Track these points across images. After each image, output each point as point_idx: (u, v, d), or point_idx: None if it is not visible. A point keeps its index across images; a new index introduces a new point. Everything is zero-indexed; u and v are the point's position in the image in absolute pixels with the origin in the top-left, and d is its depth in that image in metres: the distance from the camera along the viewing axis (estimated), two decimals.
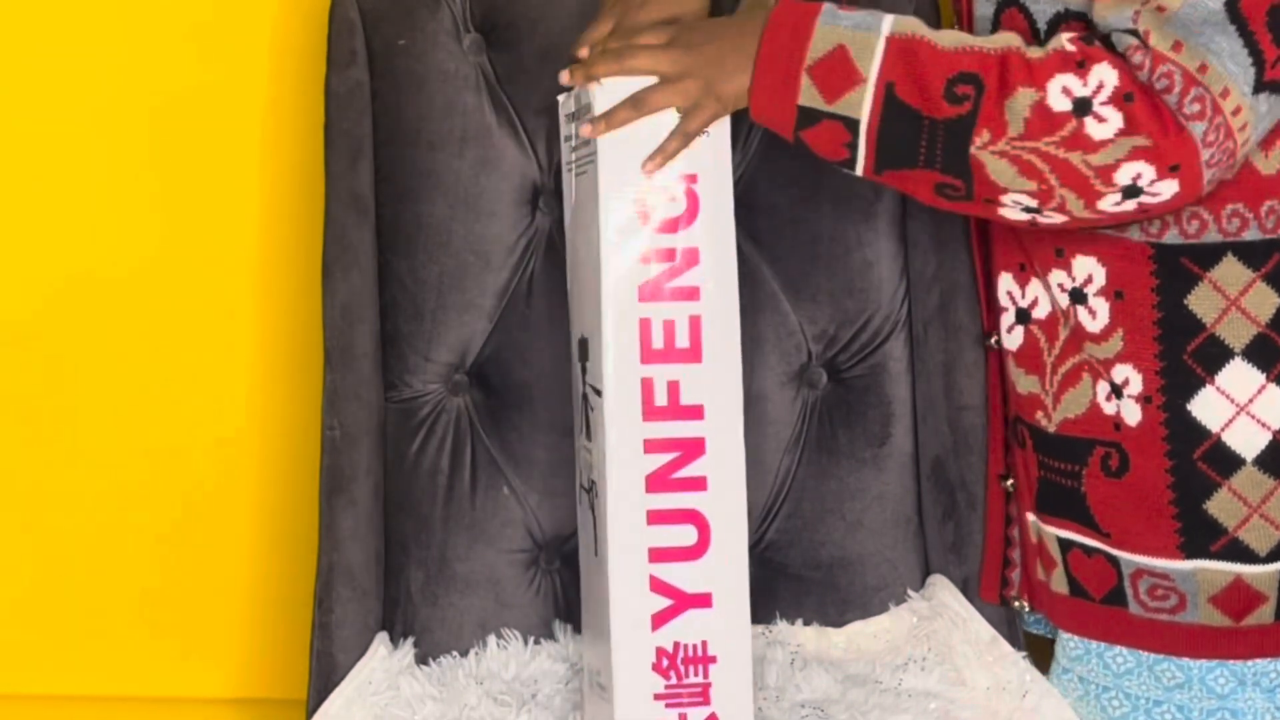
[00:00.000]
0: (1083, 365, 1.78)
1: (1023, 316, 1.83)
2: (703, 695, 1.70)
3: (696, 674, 1.70)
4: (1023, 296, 1.83)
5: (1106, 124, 1.60)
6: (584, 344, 1.75)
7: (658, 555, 1.69)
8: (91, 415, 2.15)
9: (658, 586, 1.69)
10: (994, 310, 1.88)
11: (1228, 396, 1.72)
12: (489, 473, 1.96)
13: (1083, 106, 1.61)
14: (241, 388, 2.15)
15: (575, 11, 1.92)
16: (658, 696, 1.70)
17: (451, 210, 1.95)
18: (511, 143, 1.95)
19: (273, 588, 2.16)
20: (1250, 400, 1.72)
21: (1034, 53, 1.63)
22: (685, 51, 1.69)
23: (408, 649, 1.92)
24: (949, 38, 1.65)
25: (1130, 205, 1.63)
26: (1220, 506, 1.74)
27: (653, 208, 1.69)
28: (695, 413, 1.70)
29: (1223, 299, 1.71)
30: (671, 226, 1.70)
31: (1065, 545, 1.83)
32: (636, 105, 1.69)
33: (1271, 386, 1.72)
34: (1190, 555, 1.75)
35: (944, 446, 1.93)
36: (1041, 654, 1.91)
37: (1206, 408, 1.73)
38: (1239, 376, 1.72)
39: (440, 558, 1.94)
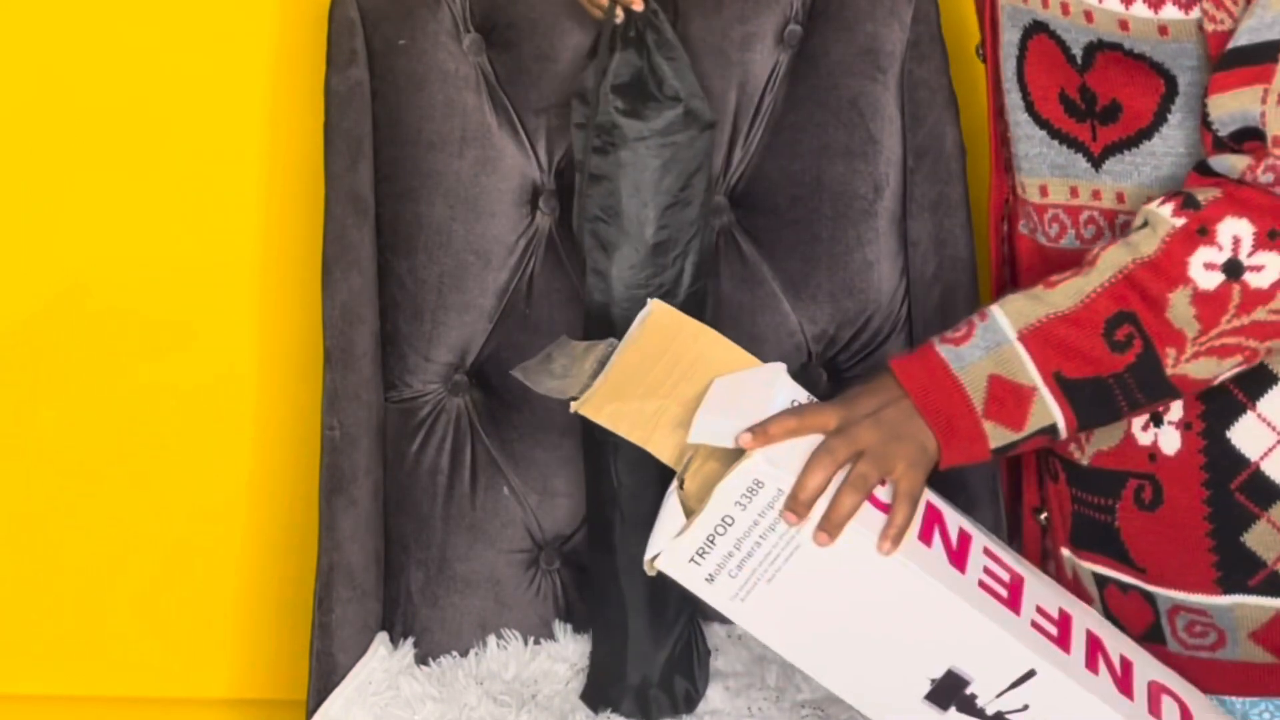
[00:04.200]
0: None
1: None
2: None
3: None
4: None
5: (1266, 269, 1.54)
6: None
7: None
8: (91, 415, 2.15)
9: None
10: None
11: (1269, 424, 1.65)
12: (489, 473, 1.96)
13: (1234, 269, 1.54)
14: (241, 388, 2.15)
15: (575, 11, 1.92)
16: None
17: (451, 210, 1.95)
18: (511, 143, 1.95)
19: (273, 588, 2.17)
20: None
21: (1148, 250, 1.55)
22: (892, 445, 1.57)
23: (408, 649, 1.92)
24: (1062, 295, 1.57)
25: None
26: (1259, 539, 1.67)
27: None
28: None
29: None
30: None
31: (1101, 581, 1.76)
32: (857, 487, 1.54)
33: None
34: (1228, 590, 1.69)
35: None
36: None
37: (1247, 435, 1.66)
38: None
39: (440, 558, 1.94)
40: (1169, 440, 1.68)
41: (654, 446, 1.60)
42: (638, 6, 1.77)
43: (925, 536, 1.55)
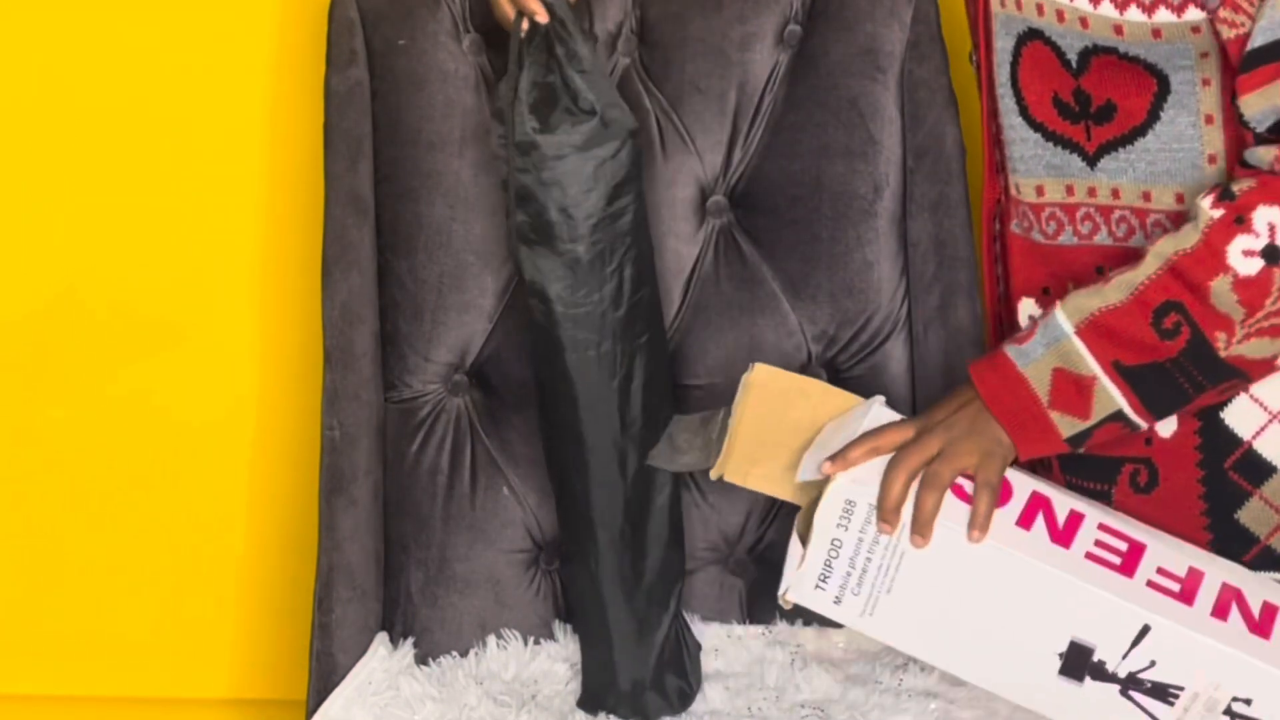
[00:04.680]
0: None
1: None
2: None
3: None
4: None
5: None
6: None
7: None
8: (91, 415, 2.15)
9: None
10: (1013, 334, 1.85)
11: (1261, 404, 1.71)
12: (489, 473, 1.96)
13: (1273, 254, 1.60)
14: (241, 388, 2.15)
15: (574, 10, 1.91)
16: None
17: (451, 210, 1.95)
18: None
19: (273, 588, 2.17)
20: None
21: (1189, 242, 1.62)
22: (962, 441, 1.67)
23: (407, 649, 1.92)
24: (1115, 288, 1.65)
25: None
26: (1252, 515, 1.73)
27: None
28: None
29: None
30: None
31: None
32: (932, 484, 1.65)
33: None
34: None
35: None
36: None
37: (1239, 415, 1.72)
38: (1273, 384, 1.71)
39: (440, 558, 1.94)
40: (1165, 423, 1.73)
41: (795, 499, 1.71)
42: (541, 18, 1.74)
43: (1025, 522, 1.64)
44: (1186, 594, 1.62)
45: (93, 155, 2.11)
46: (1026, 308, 1.82)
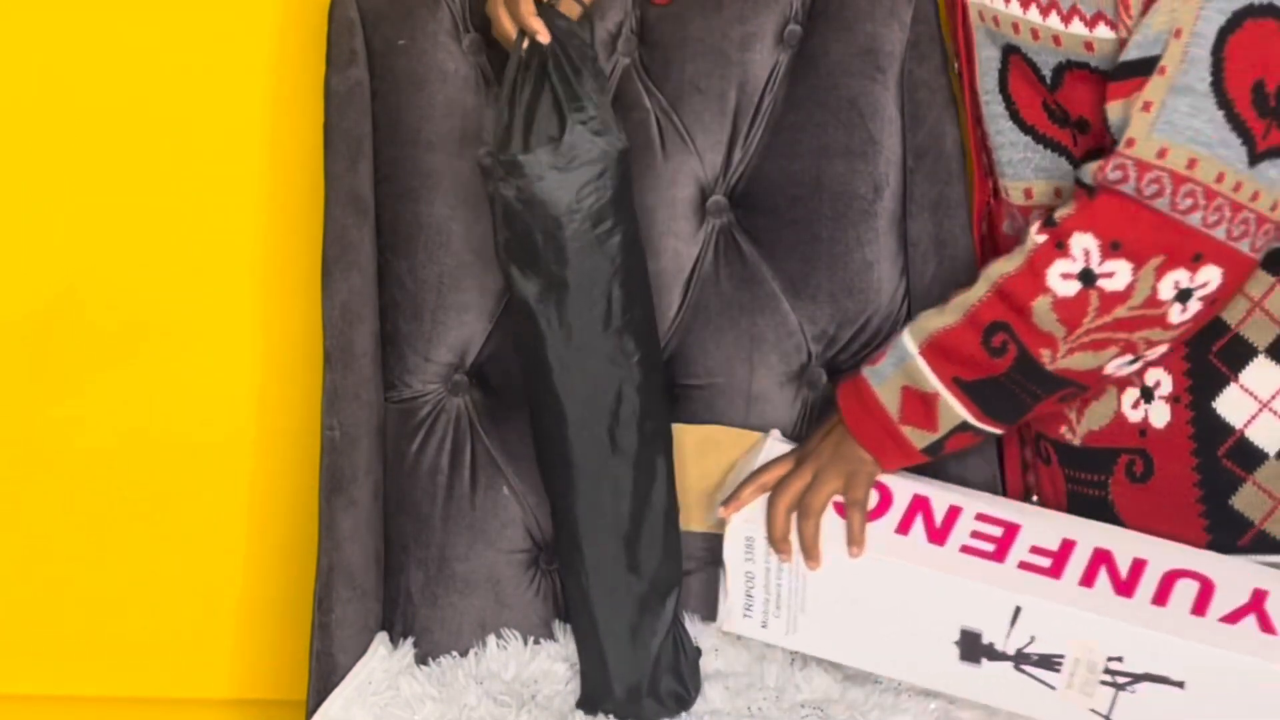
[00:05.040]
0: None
1: None
2: None
3: None
4: None
5: (1117, 275, 1.68)
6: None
7: None
8: (91, 415, 2.15)
9: None
10: None
11: (1251, 393, 1.78)
12: (489, 473, 1.96)
13: (1088, 277, 1.69)
14: (241, 388, 2.15)
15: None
16: None
17: (451, 210, 1.95)
18: None
19: (273, 588, 2.16)
20: (1273, 396, 1.78)
21: (1013, 265, 1.72)
22: (829, 467, 1.81)
23: (407, 649, 1.92)
24: (951, 309, 1.76)
25: (1195, 305, 1.70)
26: (1246, 501, 1.79)
27: None
28: None
29: (1247, 301, 1.77)
30: None
31: None
32: (806, 513, 1.79)
33: None
34: (1219, 551, 1.79)
35: None
36: None
37: (1230, 405, 1.78)
38: (1262, 374, 1.77)
39: (440, 558, 1.94)
40: (1159, 414, 1.80)
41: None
42: (544, 39, 1.74)
43: (904, 527, 1.79)
44: (1056, 568, 1.75)
45: (93, 155, 2.11)
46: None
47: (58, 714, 2.19)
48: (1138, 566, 1.75)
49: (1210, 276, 1.68)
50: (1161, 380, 1.79)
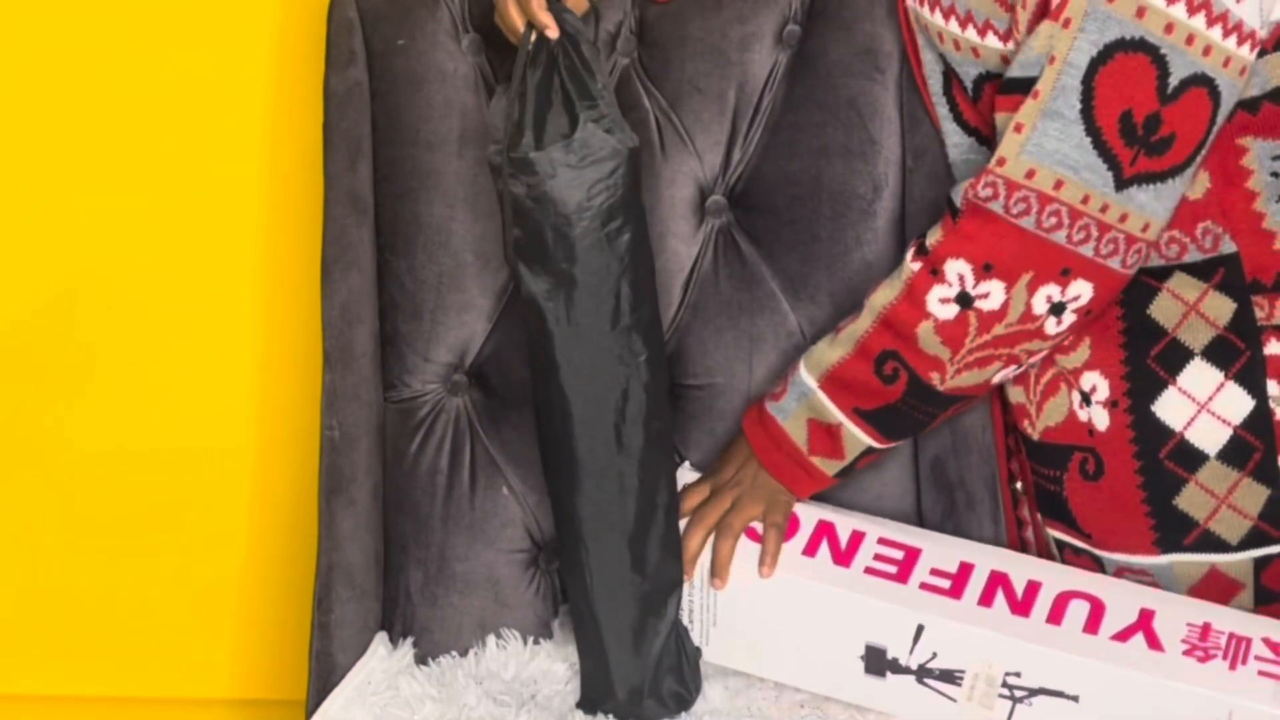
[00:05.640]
0: (1059, 376, 1.85)
1: None
2: None
3: None
4: None
5: (992, 295, 1.73)
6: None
7: None
8: (91, 415, 2.15)
9: None
10: None
11: (1189, 396, 1.80)
12: (489, 473, 1.96)
13: (965, 300, 1.74)
14: (241, 388, 2.15)
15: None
16: None
17: (451, 210, 1.95)
18: None
19: (272, 588, 2.17)
20: (1210, 399, 1.80)
21: (894, 293, 1.77)
22: (750, 493, 1.87)
23: (407, 649, 1.92)
24: (842, 340, 1.81)
25: (1070, 317, 1.75)
26: (1189, 501, 1.81)
27: None
28: None
29: (1183, 305, 1.80)
30: None
31: (1060, 545, 1.91)
32: (725, 534, 1.85)
33: (1230, 384, 1.79)
34: (1166, 550, 1.83)
35: (943, 446, 1.93)
36: None
37: (1169, 408, 1.81)
38: (1199, 376, 1.80)
39: (440, 558, 1.94)
40: (1100, 418, 1.83)
41: None
42: (553, 34, 1.72)
43: (811, 549, 1.86)
44: (956, 589, 1.81)
45: (93, 155, 2.11)
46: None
47: (58, 714, 2.19)
48: (1032, 588, 1.81)
49: (1081, 290, 1.73)
50: (1098, 385, 1.83)
